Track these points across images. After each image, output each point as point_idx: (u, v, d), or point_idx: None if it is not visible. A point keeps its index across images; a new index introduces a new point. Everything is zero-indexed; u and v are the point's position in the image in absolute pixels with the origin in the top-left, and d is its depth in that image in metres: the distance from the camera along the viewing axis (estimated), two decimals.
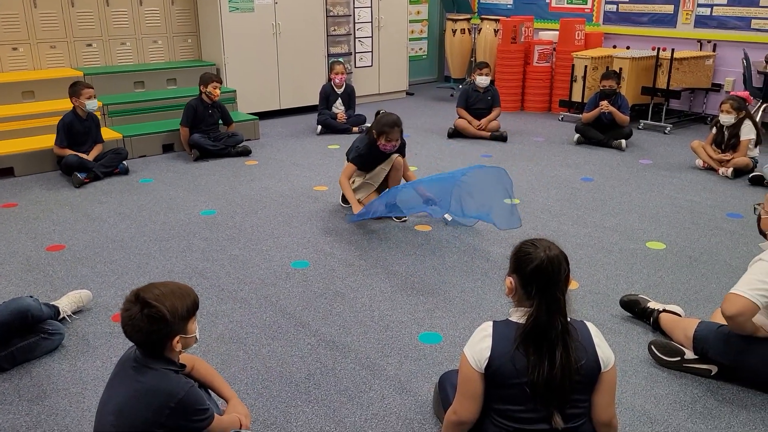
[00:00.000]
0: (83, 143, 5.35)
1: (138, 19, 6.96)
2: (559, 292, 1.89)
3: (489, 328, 1.98)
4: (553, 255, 1.90)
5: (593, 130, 6.36)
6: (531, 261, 1.90)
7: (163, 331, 1.86)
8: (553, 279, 1.88)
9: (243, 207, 4.69)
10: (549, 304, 1.88)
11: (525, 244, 1.96)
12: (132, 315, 1.85)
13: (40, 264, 3.75)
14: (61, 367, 2.77)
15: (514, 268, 1.96)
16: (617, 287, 3.48)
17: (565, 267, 1.91)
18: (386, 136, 4.27)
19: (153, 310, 1.84)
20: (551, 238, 1.97)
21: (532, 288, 1.90)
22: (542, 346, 1.87)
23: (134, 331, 1.86)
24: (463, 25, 8.87)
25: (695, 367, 2.69)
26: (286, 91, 7.64)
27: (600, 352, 1.93)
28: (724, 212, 4.58)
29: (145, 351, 1.91)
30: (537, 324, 1.88)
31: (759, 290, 2.42)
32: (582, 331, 1.95)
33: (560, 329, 1.88)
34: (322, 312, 3.24)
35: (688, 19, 7.34)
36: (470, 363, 1.94)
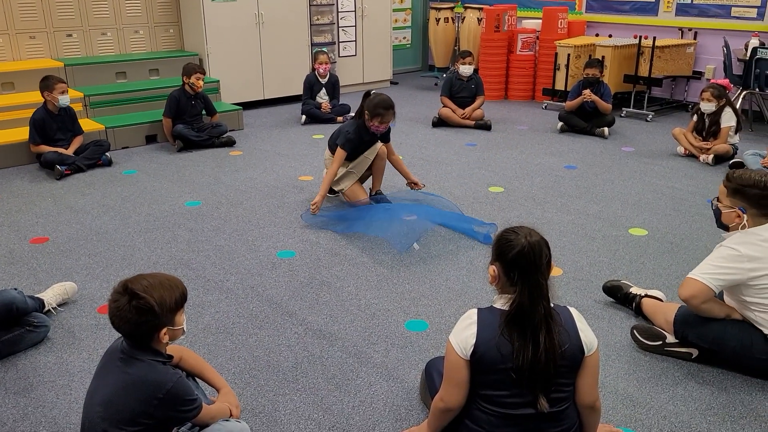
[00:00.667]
0: (60, 139, 5.28)
1: (119, 9, 6.88)
2: (542, 277, 1.92)
3: (474, 315, 2.00)
4: (534, 241, 1.92)
5: (576, 118, 6.41)
6: (512, 248, 1.92)
7: (151, 322, 1.86)
8: (534, 264, 1.91)
9: (228, 197, 4.68)
10: (531, 289, 1.91)
11: (506, 232, 1.98)
12: (120, 306, 1.84)
13: (23, 257, 3.72)
14: (47, 360, 2.76)
15: (496, 256, 1.98)
16: (600, 273, 3.52)
17: (547, 252, 1.93)
18: (381, 118, 4.18)
19: (141, 301, 1.83)
20: (535, 226, 1.99)
21: (514, 274, 1.93)
22: (526, 330, 1.90)
23: (122, 322, 1.86)
24: (446, 14, 8.86)
25: (676, 351, 2.74)
26: (269, 81, 7.60)
27: (583, 337, 1.96)
28: (704, 198, 4.65)
29: (132, 342, 1.91)
30: (520, 309, 1.91)
31: (714, 275, 2.50)
32: (565, 316, 1.98)
33: (543, 313, 1.90)
34: (309, 301, 3.25)
35: (670, 7, 7.39)
36: (456, 350, 1.97)
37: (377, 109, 4.18)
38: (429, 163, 5.48)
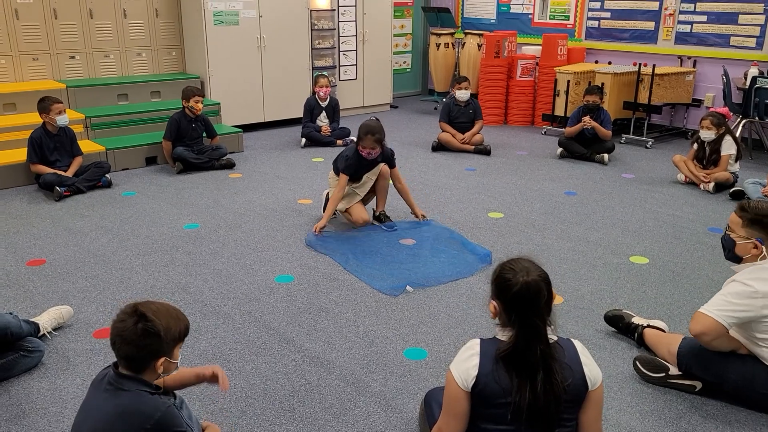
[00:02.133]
0: (58, 159, 5.28)
1: (122, 32, 6.93)
2: (539, 319, 1.87)
3: (476, 346, 1.96)
4: (531, 280, 1.86)
5: (576, 144, 6.42)
6: (510, 288, 1.87)
7: (153, 347, 1.84)
8: (531, 306, 1.86)
9: (227, 220, 4.66)
10: (527, 331, 1.86)
11: (504, 269, 1.93)
12: (126, 327, 1.82)
13: (19, 279, 3.69)
14: (41, 386, 2.71)
15: (495, 293, 1.94)
16: (601, 302, 3.49)
17: (545, 292, 1.88)
18: (362, 142, 4.30)
19: (149, 324, 1.82)
20: (535, 253, 1.99)
21: (512, 314, 1.89)
22: (522, 371, 1.86)
23: (124, 343, 1.83)
24: (446, 39, 8.93)
25: (680, 383, 2.70)
26: (270, 104, 7.63)
27: (587, 371, 1.93)
28: (705, 227, 4.63)
29: (126, 366, 1.87)
30: (515, 350, 1.86)
31: (726, 311, 2.44)
32: (569, 350, 1.95)
33: (540, 356, 1.86)
34: (307, 327, 3.22)
35: (669, 35, 7.46)
36: (456, 381, 1.93)
37: (359, 134, 4.33)
38: (428, 188, 5.47)
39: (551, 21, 8.53)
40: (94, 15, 6.71)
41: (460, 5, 9.60)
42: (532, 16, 8.74)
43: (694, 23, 7.23)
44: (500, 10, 9.10)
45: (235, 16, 7.10)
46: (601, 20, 8.02)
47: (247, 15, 7.18)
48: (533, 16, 8.73)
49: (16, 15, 6.27)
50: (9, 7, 6.21)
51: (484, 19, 9.33)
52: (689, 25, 7.28)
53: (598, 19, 8.05)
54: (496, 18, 9.16)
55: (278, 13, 7.40)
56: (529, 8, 8.75)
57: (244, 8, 7.14)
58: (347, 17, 8.16)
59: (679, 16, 7.33)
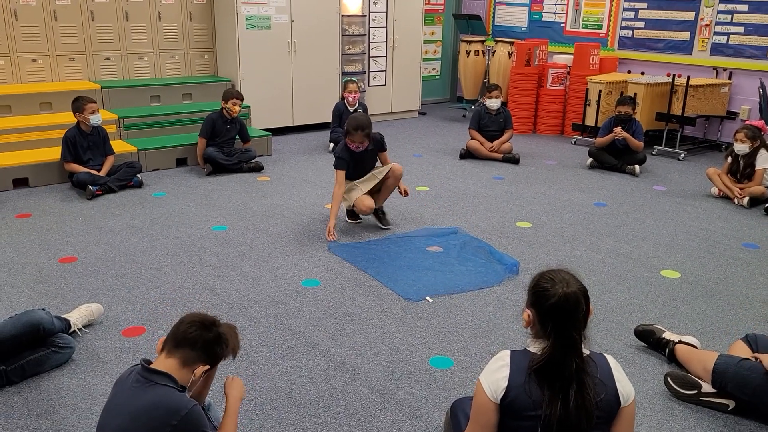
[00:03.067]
0: (91, 158, 5.37)
1: (156, 35, 7.03)
2: (576, 332, 1.84)
3: (507, 357, 1.94)
4: (570, 292, 1.84)
5: (607, 155, 6.34)
6: (548, 298, 1.85)
7: (216, 350, 1.97)
8: (570, 317, 1.84)
9: (254, 223, 4.68)
10: (563, 343, 1.84)
11: (543, 279, 1.91)
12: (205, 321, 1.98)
13: (52, 276, 3.75)
14: (71, 382, 2.75)
15: (531, 302, 1.92)
16: (631, 316, 3.43)
17: (584, 305, 1.86)
18: (351, 137, 4.39)
19: (221, 330, 2.00)
20: (564, 264, 1.95)
21: (548, 325, 1.87)
22: (555, 384, 1.83)
23: (201, 327, 1.95)
24: (477, 46, 8.90)
25: (712, 401, 2.64)
26: (299, 108, 7.67)
27: (620, 387, 1.89)
28: (739, 242, 4.54)
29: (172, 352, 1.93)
30: (550, 362, 1.84)
31: None
32: (602, 365, 1.91)
33: (574, 369, 1.83)
34: (332, 332, 3.22)
35: (704, 46, 7.34)
36: (486, 392, 1.91)
37: (348, 128, 4.40)
38: (456, 195, 5.45)
39: (583, 30, 8.46)
40: (130, 17, 6.82)
41: (491, 12, 9.57)
42: (564, 25, 8.68)
43: (730, 34, 7.11)
44: (532, 18, 9.05)
45: (268, 20, 7.16)
46: (635, 30, 7.93)
47: (279, 20, 7.24)
48: (565, 25, 8.66)
49: (55, 16, 6.40)
50: (48, 9, 6.34)
51: (515, 26, 9.28)
52: (725, 36, 7.16)
53: (632, 29, 7.96)
54: (528, 26, 9.11)
55: (310, 18, 7.45)
56: (562, 17, 8.68)
57: (276, 13, 7.20)
58: (378, 23, 8.18)
59: (716, 27, 7.21)
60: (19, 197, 5.14)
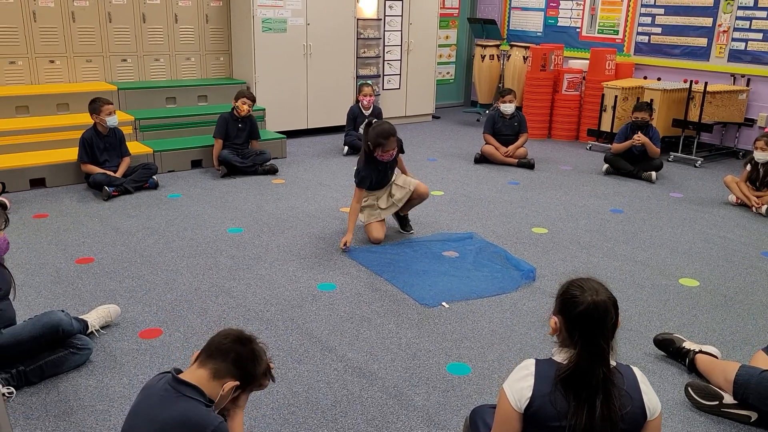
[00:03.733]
0: (107, 160, 5.38)
1: (172, 36, 7.06)
2: (603, 341, 1.82)
3: (531, 366, 1.92)
4: (599, 300, 1.82)
5: (623, 161, 6.30)
6: (576, 305, 1.83)
7: (248, 367, 1.94)
8: (598, 326, 1.82)
9: (270, 226, 4.68)
10: (591, 352, 1.82)
11: (572, 286, 1.89)
12: (241, 338, 1.94)
13: (69, 276, 3.76)
14: (88, 383, 2.75)
15: (559, 308, 1.90)
16: (650, 324, 3.40)
17: (612, 314, 1.84)
18: (382, 147, 4.23)
19: (258, 349, 1.97)
20: (581, 271, 1.94)
21: (575, 333, 1.85)
22: (581, 393, 1.81)
23: (237, 342, 1.92)
24: (492, 51, 8.88)
25: (734, 413, 2.60)
26: (313, 111, 7.68)
27: (647, 400, 1.87)
28: (758, 251, 4.48)
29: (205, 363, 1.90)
30: (577, 371, 1.82)
31: None
32: (628, 377, 1.89)
33: (601, 378, 1.81)
34: (349, 337, 3.20)
35: (722, 52, 7.28)
36: (510, 401, 1.89)
37: (378, 139, 4.22)
38: (471, 200, 5.43)
39: (599, 35, 8.41)
40: (147, 19, 6.86)
41: (507, 17, 9.55)
42: (579, 30, 8.64)
43: (749, 41, 7.05)
44: (547, 23, 9.02)
45: (283, 23, 7.18)
46: (652, 35, 7.88)
47: (295, 23, 7.25)
48: (581, 30, 8.62)
49: (73, 18, 6.44)
50: (66, 10, 6.39)
51: (530, 31, 9.25)
52: (744, 43, 7.10)
53: (649, 35, 7.91)
54: (543, 31, 9.07)
55: (325, 22, 7.46)
56: (577, 22, 8.65)
57: (292, 16, 7.21)
58: (393, 27, 8.18)
59: (734, 33, 7.16)
60: (36, 197, 5.17)
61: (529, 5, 9.22)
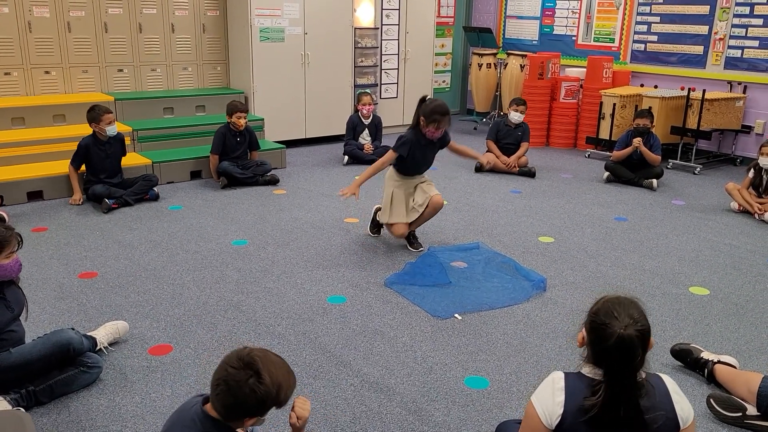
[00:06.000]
0: (105, 169, 5.28)
1: (169, 46, 7.01)
2: (630, 376, 1.78)
3: (561, 381, 1.88)
4: (627, 336, 1.75)
5: (623, 169, 6.31)
6: (603, 335, 1.77)
7: (254, 407, 1.74)
8: (623, 361, 1.77)
9: (274, 238, 4.63)
10: (615, 386, 1.78)
11: (605, 312, 1.80)
12: (238, 378, 1.70)
13: (72, 292, 3.69)
14: (100, 402, 2.68)
15: (588, 328, 1.86)
16: (665, 334, 3.37)
17: (639, 351, 1.77)
18: (437, 123, 4.13)
19: (261, 387, 1.70)
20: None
21: (602, 363, 1.81)
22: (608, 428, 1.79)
23: (228, 392, 1.71)
24: (489, 59, 8.89)
25: (759, 425, 2.58)
26: (312, 121, 7.64)
27: (679, 409, 1.84)
28: (765, 258, 4.48)
29: (219, 410, 1.76)
30: (605, 404, 1.78)
31: None
32: (659, 388, 1.86)
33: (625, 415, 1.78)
34: (363, 351, 3.15)
35: (718, 60, 7.32)
36: (540, 417, 1.85)
37: (433, 115, 4.13)
38: (475, 209, 5.40)
39: (595, 43, 8.44)
40: (143, 29, 6.80)
41: (502, 25, 9.57)
42: (575, 38, 8.66)
43: (745, 48, 7.09)
44: (543, 31, 9.05)
45: (281, 32, 7.14)
46: (648, 44, 7.92)
47: (293, 32, 7.22)
48: (577, 38, 8.65)
49: (68, 28, 6.37)
50: (62, 21, 6.32)
51: (525, 39, 9.27)
52: (740, 50, 7.14)
53: (645, 43, 7.94)
54: (539, 39, 9.10)
55: (323, 31, 7.43)
56: (573, 30, 8.68)
57: (289, 25, 7.18)
58: (390, 36, 8.17)
59: (730, 41, 7.20)
60: (34, 211, 5.09)
61: (525, 14, 9.24)
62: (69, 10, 6.33)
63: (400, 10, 8.15)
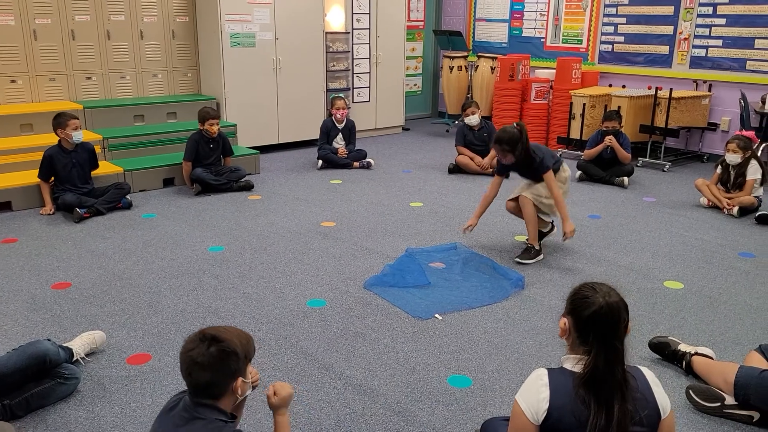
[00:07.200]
0: (73, 177, 5.19)
1: (139, 53, 6.92)
2: (618, 342, 1.84)
3: (545, 376, 1.90)
4: (612, 302, 1.84)
5: (595, 168, 6.40)
6: (588, 306, 1.85)
7: (232, 367, 1.80)
8: (612, 327, 1.83)
9: (251, 243, 4.59)
10: (607, 353, 1.82)
11: (584, 287, 1.91)
12: (201, 352, 1.77)
13: (46, 303, 3.61)
14: (78, 414, 2.63)
15: (569, 309, 1.91)
16: (642, 328, 3.42)
17: (625, 316, 1.86)
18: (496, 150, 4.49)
19: (223, 344, 1.79)
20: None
21: (588, 335, 1.85)
22: (600, 397, 1.80)
23: (201, 369, 1.76)
24: (460, 62, 8.95)
25: (736, 413, 2.63)
26: (285, 126, 7.60)
27: (659, 399, 1.88)
28: (735, 251, 4.58)
29: (203, 395, 1.80)
30: (595, 373, 1.81)
31: None
32: (639, 379, 1.90)
33: (619, 379, 1.81)
34: (345, 354, 3.14)
35: (684, 59, 7.48)
36: (525, 414, 1.86)
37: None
38: (451, 211, 5.42)
39: (564, 45, 8.56)
40: (112, 36, 6.70)
41: (472, 28, 9.65)
42: (544, 40, 8.78)
43: (709, 47, 7.26)
44: (512, 33, 9.15)
45: (252, 38, 7.11)
46: (615, 44, 8.06)
47: (264, 37, 7.19)
48: (545, 40, 8.76)
49: (34, 36, 6.25)
50: (27, 29, 6.20)
51: (495, 42, 9.36)
52: (704, 50, 7.30)
53: (612, 43, 8.08)
54: (508, 41, 9.20)
55: (294, 36, 7.41)
56: (542, 32, 8.79)
57: (260, 30, 7.14)
58: (361, 40, 8.18)
59: (694, 41, 7.36)
60: (2, 222, 4.97)
61: (494, 17, 9.34)
62: (34, 18, 6.22)
63: (370, 14, 8.17)
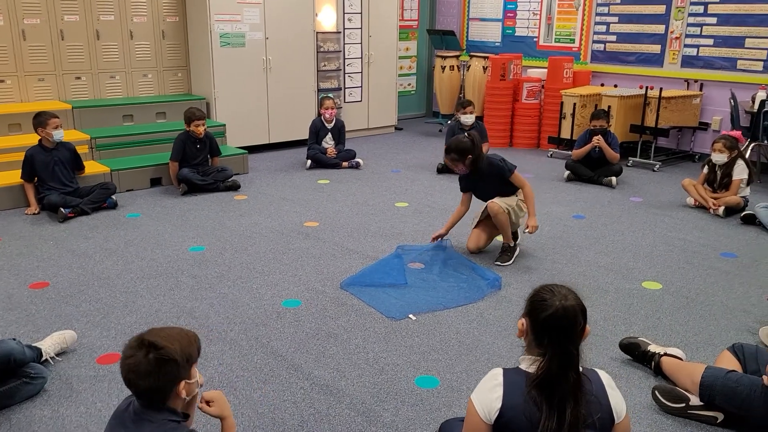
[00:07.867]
0: (55, 176, 5.19)
1: (128, 53, 6.93)
2: (572, 346, 1.83)
3: (499, 376, 1.90)
4: (568, 305, 1.83)
5: (583, 168, 6.38)
6: (545, 309, 1.84)
7: (172, 373, 1.77)
8: (566, 331, 1.82)
9: (232, 243, 4.60)
10: (561, 357, 1.81)
11: (543, 289, 1.90)
12: (138, 360, 1.74)
13: (22, 302, 3.62)
14: (43, 414, 2.64)
15: (527, 311, 1.91)
16: (615, 329, 3.42)
17: (581, 320, 1.85)
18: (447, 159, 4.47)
19: (161, 351, 1.74)
20: (545, 278, 1.94)
21: (543, 338, 1.84)
22: (552, 400, 1.80)
23: (140, 377, 1.74)
24: (452, 62, 8.95)
25: (701, 414, 2.62)
26: (275, 126, 7.61)
27: (613, 402, 1.88)
28: (717, 252, 4.57)
29: (148, 400, 1.79)
30: (548, 377, 1.81)
31: None
32: (595, 381, 1.90)
33: (572, 384, 1.81)
34: (315, 354, 3.15)
35: (675, 59, 7.46)
36: (479, 413, 1.87)
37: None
38: (436, 210, 5.42)
39: (556, 44, 8.55)
40: (101, 36, 6.72)
41: (465, 28, 9.64)
42: (537, 39, 8.76)
43: (700, 47, 7.24)
44: (505, 33, 9.13)
45: (242, 38, 7.11)
46: (607, 44, 8.04)
47: (254, 37, 7.19)
48: (538, 39, 8.75)
49: (23, 36, 6.27)
50: (16, 29, 6.22)
51: (488, 41, 9.35)
52: (695, 49, 7.28)
53: (604, 43, 8.07)
54: (501, 41, 9.18)
55: (284, 35, 7.42)
56: (534, 31, 8.77)
57: (250, 30, 7.15)
58: (353, 39, 8.18)
59: (686, 40, 7.34)
60: None
61: (487, 16, 9.32)
62: (23, 18, 6.24)
63: (362, 13, 8.17)
